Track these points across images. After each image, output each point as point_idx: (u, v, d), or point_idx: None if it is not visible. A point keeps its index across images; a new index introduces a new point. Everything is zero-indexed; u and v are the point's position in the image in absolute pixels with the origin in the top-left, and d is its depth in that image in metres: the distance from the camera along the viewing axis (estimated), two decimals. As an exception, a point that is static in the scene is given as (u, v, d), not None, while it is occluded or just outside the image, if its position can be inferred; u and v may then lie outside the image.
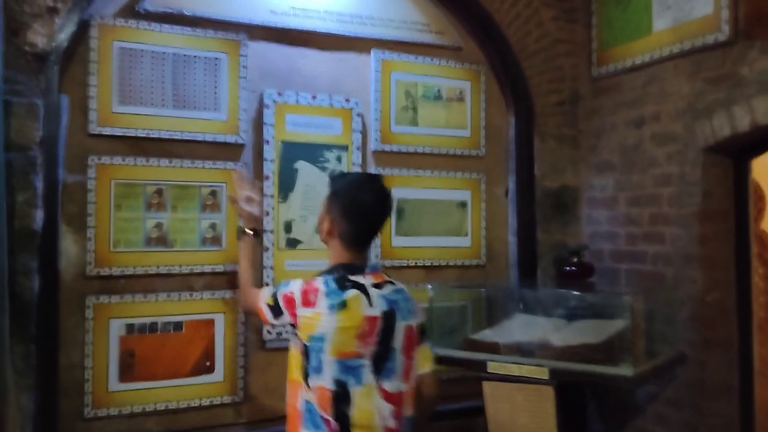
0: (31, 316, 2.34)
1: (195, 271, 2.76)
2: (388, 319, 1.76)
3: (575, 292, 2.81)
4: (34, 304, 2.35)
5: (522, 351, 2.60)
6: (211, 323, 2.78)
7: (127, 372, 2.63)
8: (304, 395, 1.80)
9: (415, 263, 3.21)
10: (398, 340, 1.79)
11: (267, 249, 2.87)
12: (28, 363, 2.33)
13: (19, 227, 2.33)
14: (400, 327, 1.80)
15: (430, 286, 2.94)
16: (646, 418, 2.96)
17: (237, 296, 2.56)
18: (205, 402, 2.75)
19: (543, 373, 2.45)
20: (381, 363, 1.75)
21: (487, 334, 2.79)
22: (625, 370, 2.38)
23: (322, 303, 1.75)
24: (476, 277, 3.36)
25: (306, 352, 1.78)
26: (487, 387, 2.56)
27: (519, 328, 2.84)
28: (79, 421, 2.55)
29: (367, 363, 1.75)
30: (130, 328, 2.64)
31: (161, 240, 2.71)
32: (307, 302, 1.77)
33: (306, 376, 1.78)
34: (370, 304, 1.76)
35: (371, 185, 1.87)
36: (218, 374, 2.78)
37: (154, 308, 2.68)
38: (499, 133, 3.47)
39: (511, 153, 3.47)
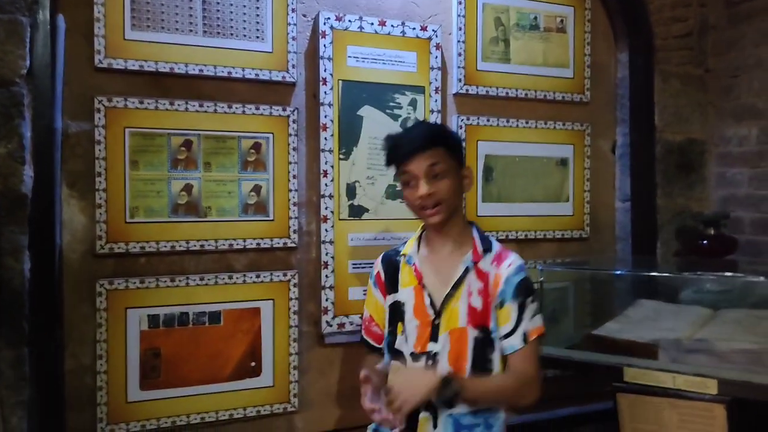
0: (23, 310, 1.75)
1: (235, 246, 2.15)
2: None
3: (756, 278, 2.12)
4: (26, 292, 1.75)
5: (669, 353, 1.95)
6: (256, 313, 2.17)
7: (150, 376, 2.04)
8: None
9: (506, 236, 2.56)
10: None
11: (325, 219, 2.24)
12: (21, 372, 1.74)
13: (2, 189, 1.73)
14: None
15: (540, 267, 2.28)
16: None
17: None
18: (251, 412, 2.16)
19: (708, 386, 1.80)
20: None
21: (614, 329, 2.14)
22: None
23: None
24: (577, 252, 2.71)
25: None
26: (624, 401, 1.92)
27: (652, 320, 2.19)
28: (92, 440, 1.99)
29: None
30: (153, 320, 2.05)
31: (191, 207, 2.10)
32: None
33: None
34: None
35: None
36: (266, 377, 2.18)
37: (184, 294, 2.08)
38: (606, 74, 2.79)
39: (620, 98, 2.78)
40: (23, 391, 1.74)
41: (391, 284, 1.70)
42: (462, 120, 2.47)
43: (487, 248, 1.66)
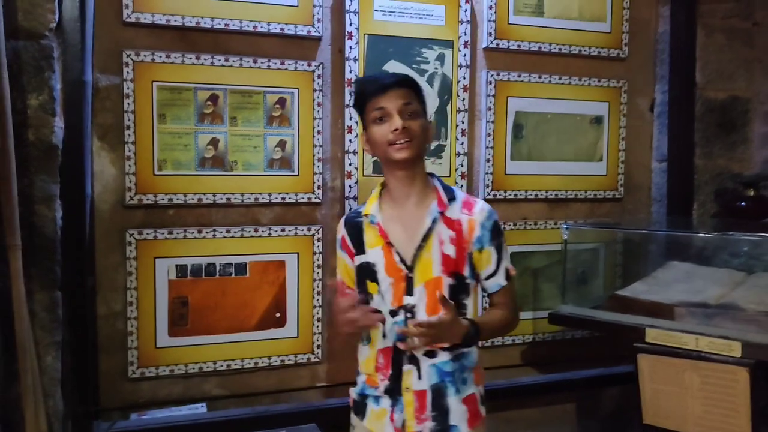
0: (55, 255, 1.83)
1: (261, 200, 2.18)
2: None
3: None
4: (58, 239, 1.84)
5: (693, 315, 1.91)
6: (281, 266, 2.22)
7: (179, 324, 2.11)
8: None
9: (536, 195, 2.52)
10: None
11: (350, 175, 2.25)
12: (54, 314, 1.83)
13: (34, 140, 1.80)
14: None
15: (564, 225, 2.25)
16: None
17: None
18: (275, 361, 2.22)
19: (732, 349, 1.76)
20: None
21: (640, 290, 2.11)
22: None
23: None
24: (610, 213, 2.65)
25: None
26: (645, 362, 1.90)
27: (681, 282, 2.14)
28: (124, 382, 2.08)
29: None
30: (181, 270, 2.11)
31: (218, 161, 2.14)
32: None
33: None
34: None
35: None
36: (291, 328, 2.24)
37: (211, 246, 2.14)
38: (646, 29, 2.68)
39: (660, 54, 2.67)
40: (57, 333, 1.84)
41: (356, 246, 1.68)
42: (492, 75, 2.42)
43: (452, 197, 1.65)
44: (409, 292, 1.60)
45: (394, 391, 1.62)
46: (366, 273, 1.65)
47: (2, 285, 1.69)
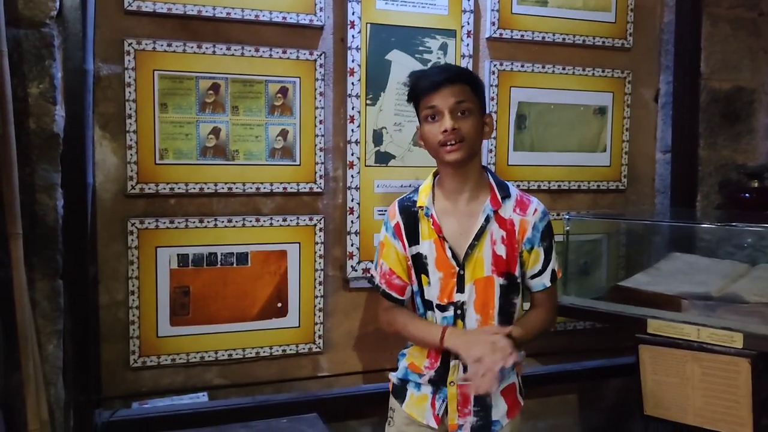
0: (56, 244, 1.83)
1: (262, 190, 2.18)
2: None
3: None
4: (59, 228, 1.83)
5: (695, 306, 1.90)
6: (283, 255, 2.21)
7: (180, 313, 2.12)
8: None
9: (538, 186, 2.50)
10: None
11: (352, 165, 2.24)
12: (56, 303, 1.83)
13: (35, 128, 1.79)
14: None
15: (567, 216, 2.24)
16: None
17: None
18: (277, 351, 2.22)
19: (734, 340, 1.75)
20: None
21: (642, 281, 2.10)
22: None
23: None
24: (613, 204, 2.64)
25: None
26: (646, 353, 1.89)
27: (684, 273, 2.13)
28: (126, 371, 2.09)
29: None
30: (183, 259, 2.11)
31: (219, 150, 2.13)
32: None
33: None
34: None
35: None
36: (292, 318, 2.23)
37: (213, 235, 2.13)
38: (651, 18, 2.65)
39: (664, 44, 2.65)
40: (58, 322, 1.84)
41: (411, 236, 1.65)
42: (495, 65, 2.40)
43: (506, 195, 1.63)
44: (460, 289, 1.59)
45: (438, 382, 1.63)
46: (419, 264, 1.64)
47: (3, 274, 1.69)
